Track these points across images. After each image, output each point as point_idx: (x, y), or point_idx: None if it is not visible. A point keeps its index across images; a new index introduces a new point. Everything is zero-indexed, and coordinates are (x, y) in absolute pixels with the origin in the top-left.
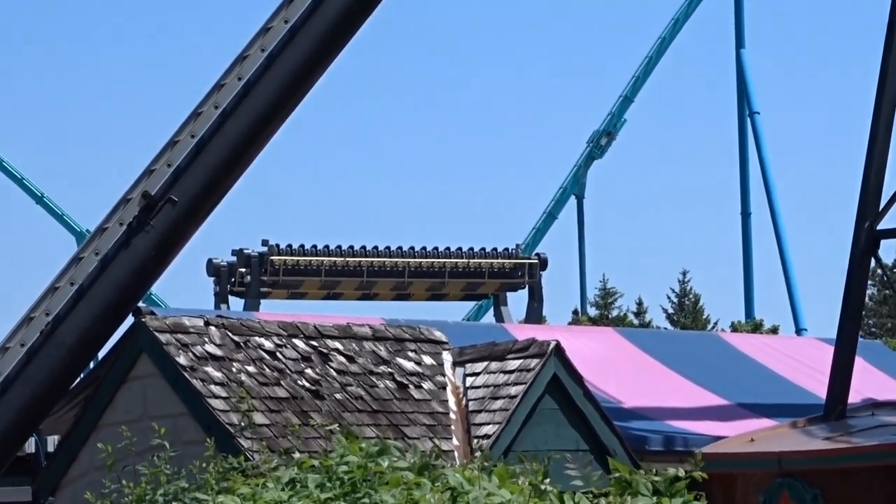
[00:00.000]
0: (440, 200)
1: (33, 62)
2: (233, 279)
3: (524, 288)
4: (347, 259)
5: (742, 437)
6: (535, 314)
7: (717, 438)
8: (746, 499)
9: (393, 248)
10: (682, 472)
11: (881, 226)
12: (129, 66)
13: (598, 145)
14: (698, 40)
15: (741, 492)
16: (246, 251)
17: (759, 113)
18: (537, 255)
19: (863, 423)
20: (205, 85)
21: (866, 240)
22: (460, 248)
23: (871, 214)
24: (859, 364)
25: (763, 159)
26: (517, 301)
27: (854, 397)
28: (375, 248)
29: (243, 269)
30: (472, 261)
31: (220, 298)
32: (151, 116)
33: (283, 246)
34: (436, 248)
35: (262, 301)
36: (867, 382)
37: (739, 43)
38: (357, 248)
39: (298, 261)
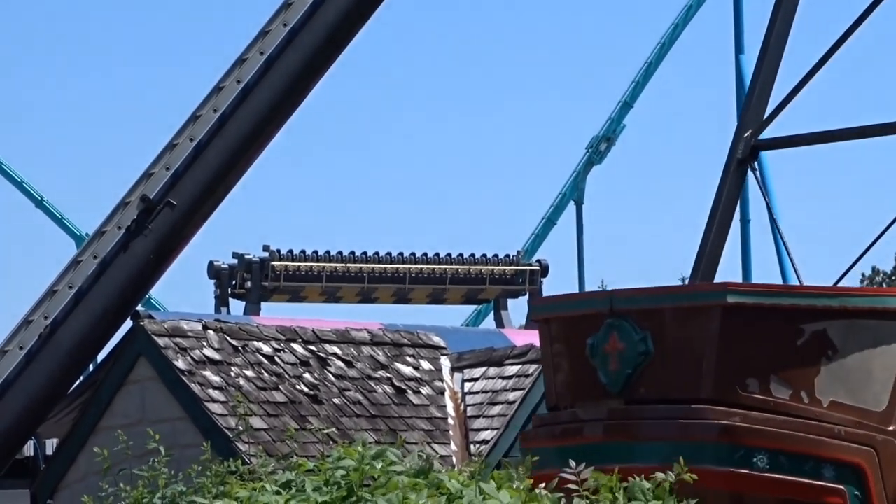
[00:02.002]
0: (439, 206)
1: (33, 65)
2: (234, 282)
3: (525, 294)
4: (348, 265)
5: None
6: None
7: None
8: (575, 343)
9: (394, 254)
10: (671, 477)
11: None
12: (129, 69)
13: (598, 151)
14: (697, 46)
15: (569, 335)
16: (247, 256)
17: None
18: (538, 261)
19: None
20: (204, 88)
21: (744, 149)
22: (461, 255)
23: (754, 123)
24: None
25: (762, 165)
26: (518, 306)
27: None
28: (376, 254)
29: (247, 274)
30: (472, 267)
31: (221, 301)
32: (150, 120)
33: (284, 251)
34: (437, 255)
35: (263, 303)
36: None
37: (739, 49)
38: (358, 253)
39: (299, 266)
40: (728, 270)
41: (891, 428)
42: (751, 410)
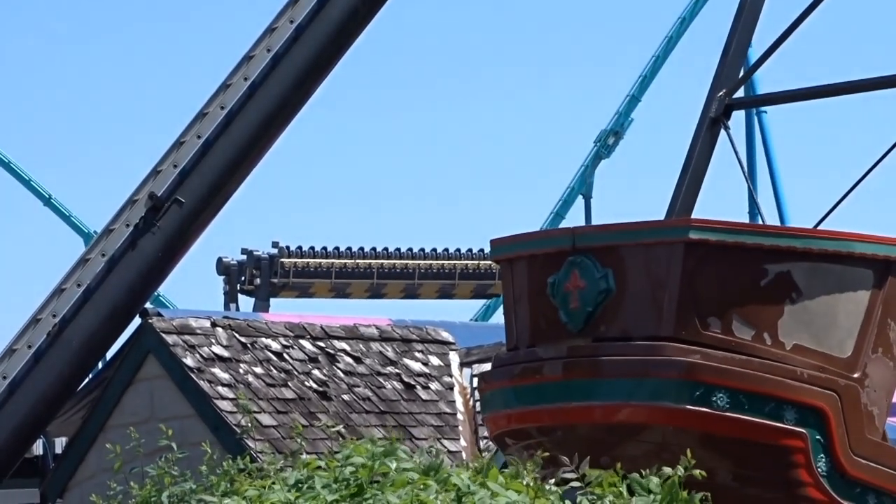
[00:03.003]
0: (447, 200)
1: (41, 63)
2: (243, 278)
3: None
4: (357, 261)
5: None
6: None
7: None
8: (536, 282)
9: (403, 249)
10: (681, 471)
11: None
12: (136, 67)
13: (606, 145)
14: (705, 39)
15: (530, 274)
16: (256, 253)
17: (766, 111)
18: None
19: None
20: (211, 85)
21: (718, 108)
22: (470, 250)
23: (727, 84)
24: None
25: (770, 158)
26: None
27: None
28: (385, 249)
29: (255, 271)
30: (482, 262)
31: (230, 297)
32: (158, 117)
33: (293, 248)
34: (446, 250)
35: (272, 299)
36: None
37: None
38: (367, 249)
39: (308, 263)
40: None
41: (855, 375)
42: (712, 349)
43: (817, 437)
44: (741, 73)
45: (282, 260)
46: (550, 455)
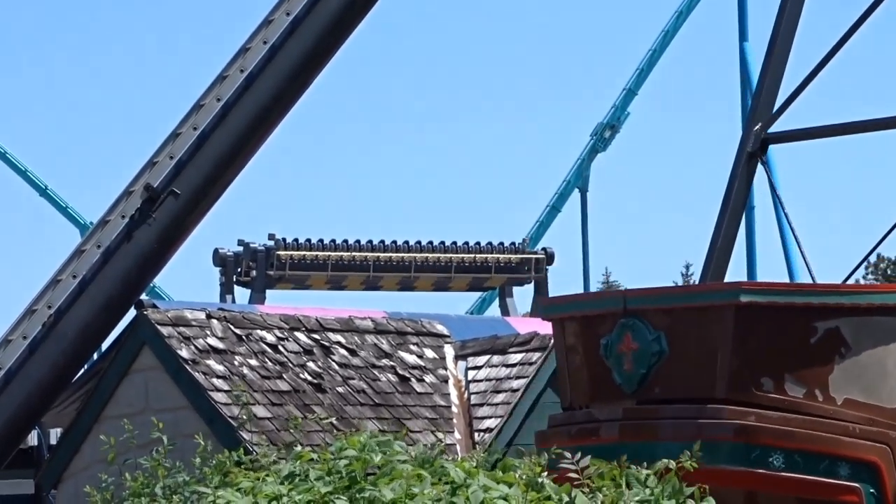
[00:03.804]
0: (444, 193)
1: (37, 54)
2: (239, 269)
3: (530, 283)
4: (354, 254)
5: None
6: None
7: None
8: (589, 343)
9: (399, 242)
10: (672, 465)
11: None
12: (133, 58)
13: (602, 138)
14: (701, 33)
15: (583, 335)
16: (252, 245)
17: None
18: (544, 249)
19: None
20: (207, 77)
21: (755, 142)
22: (466, 243)
23: (763, 117)
24: None
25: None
26: (523, 293)
27: None
28: (382, 242)
29: (252, 263)
30: (478, 256)
31: (226, 289)
32: (154, 109)
33: (289, 240)
34: (442, 243)
35: (268, 290)
36: None
37: (743, 36)
38: (363, 242)
39: (305, 255)
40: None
41: None
42: (765, 409)
43: (871, 490)
44: (776, 107)
45: (278, 252)
46: None
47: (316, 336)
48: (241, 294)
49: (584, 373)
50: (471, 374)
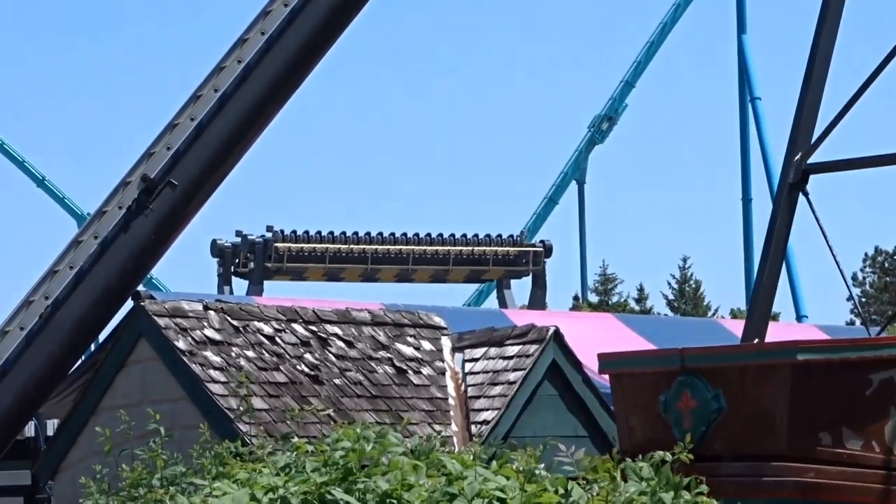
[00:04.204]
0: (442, 185)
1: (34, 44)
2: (237, 260)
3: (528, 275)
4: (352, 246)
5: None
6: (538, 302)
7: None
8: (647, 399)
9: (397, 234)
10: (668, 457)
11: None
12: (131, 48)
13: (600, 130)
14: (700, 25)
15: (641, 391)
16: (250, 237)
17: (760, 98)
18: (542, 242)
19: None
20: (205, 68)
21: (795, 173)
22: (465, 235)
23: (803, 147)
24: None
25: (764, 145)
26: (520, 285)
27: None
28: (380, 234)
29: (249, 255)
30: (476, 248)
31: (224, 280)
32: (152, 99)
33: (287, 232)
34: (440, 235)
35: (266, 282)
36: None
37: (741, 28)
38: (361, 234)
39: (303, 248)
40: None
41: None
42: (824, 465)
43: None
44: (814, 137)
45: (276, 244)
46: None
47: (313, 328)
48: (239, 285)
49: (643, 428)
50: (468, 366)
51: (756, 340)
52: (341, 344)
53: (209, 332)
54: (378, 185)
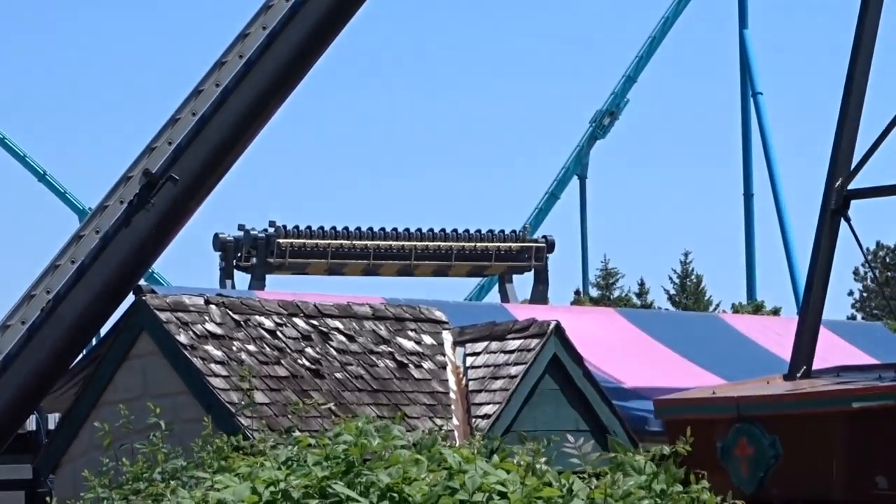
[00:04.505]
0: (443, 180)
1: (36, 39)
2: (239, 254)
3: (531, 271)
4: (354, 242)
5: (703, 389)
6: (540, 297)
7: None
8: (705, 445)
9: (399, 229)
10: (666, 450)
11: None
12: (133, 43)
13: (601, 125)
14: (701, 20)
15: (699, 438)
16: (252, 232)
17: (762, 93)
18: (544, 237)
19: (826, 378)
20: (206, 63)
21: (837, 199)
22: (467, 231)
23: (843, 173)
24: (848, 349)
25: (766, 140)
26: (522, 280)
27: None
28: (382, 229)
29: (252, 250)
30: (478, 244)
31: (226, 274)
32: (153, 94)
33: (289, 227)
34: (442, 230)
35: (268, 275)
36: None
37: (743, 23)
38: (364, 229)
39: (305, 244)
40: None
41: None
42: None
43: None
44: (854, 162)
45: (278, 240)
46: None
47: (314, 322)
48: (241, 278)
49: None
50: (469, 360)
51: (804, 369)
52: (342, 338)
53: (210, 327)
54: (380, 180)
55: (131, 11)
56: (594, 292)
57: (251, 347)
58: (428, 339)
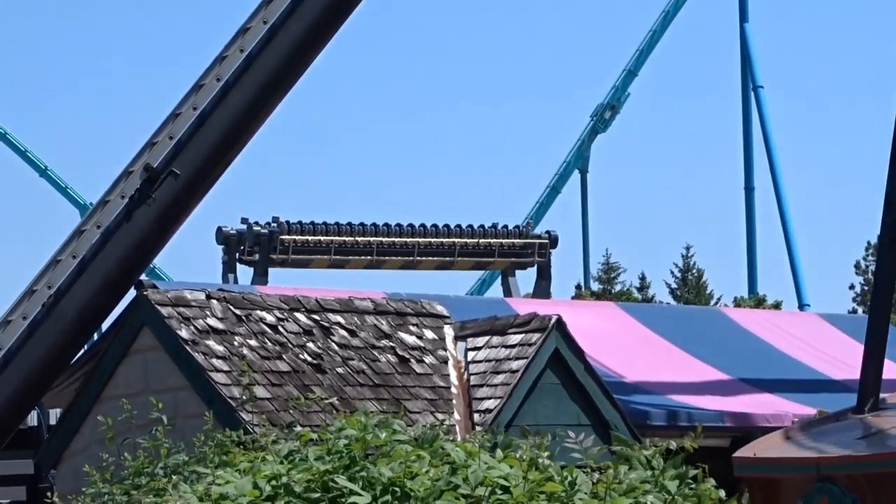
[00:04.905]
0: (445, 174)
1: (36, 34)
2: (242, 248)
3: (534, 266)
4: (357, 238)
5: (775, 436)
6: (543, 293)
7: (719, 413)
8: (786, 503)
9: (403, 224)
10: (673, 446)
11: None
12: (133, 38)
13: (602, 119)
14: (702, 14)
15: (780, 496)
16: (255, 228)
17: (762, 87)
18: (548, 233)
19: None
20: (207, 58)
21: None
22: (470, 226)
23: None
24: (848, 342)
25: (767, 134)
26: (525, 274)
27: None
28: (386, 224)
29: (255, 246)
30: (481, 240)
31: (229, 267)
32: (154, 89)
33: (293, 222)
34: (446, 226)
35: (270, 268)
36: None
37: (743, 17)
38: (367, 224)
39: (308, 239)
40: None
41: None
42: None
43: None
44: None
45: (281, 237)
46: None
47: (315, 317)
48: (244, 272)
49: None
50: (470, 354)
51: (871, 401)
52: (344, 333)
53: (212, 322)
54: (382, 175)
55: (132, 6)
56: (595, 286)
57: (253, 342)
58: (429, 334)
